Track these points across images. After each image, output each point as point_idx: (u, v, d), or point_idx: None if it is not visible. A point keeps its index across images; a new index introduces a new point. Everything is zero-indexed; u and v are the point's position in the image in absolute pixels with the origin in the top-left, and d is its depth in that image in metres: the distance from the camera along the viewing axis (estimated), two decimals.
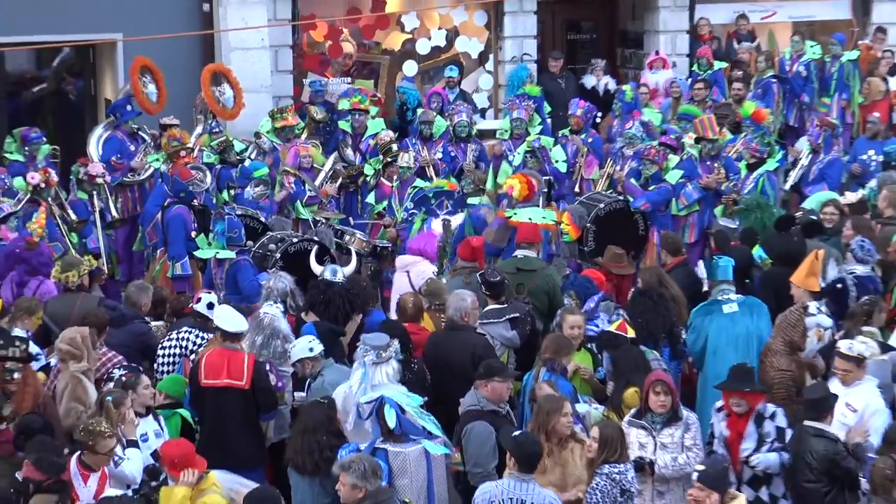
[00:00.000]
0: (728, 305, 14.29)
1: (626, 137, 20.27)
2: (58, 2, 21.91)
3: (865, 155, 20.16)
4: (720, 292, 14.46)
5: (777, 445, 11.14)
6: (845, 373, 12.50)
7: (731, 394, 11.52)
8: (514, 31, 25.33)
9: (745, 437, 11.20)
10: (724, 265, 14.81)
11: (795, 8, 27.32)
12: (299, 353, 12.99)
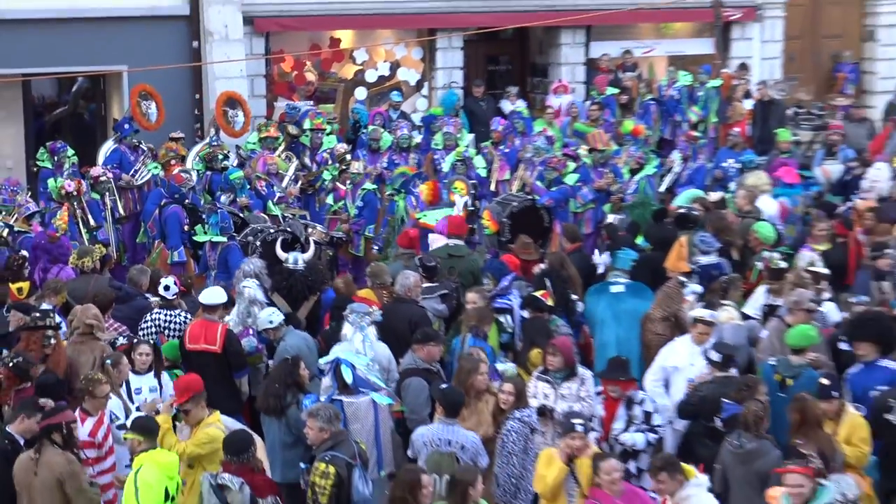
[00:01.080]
0: (615, 287, 14.47)
1: (533, 148, 20.22)
2: (74, 39, 21.68)
3: (726, 163, 20.21)
4: (613, 276, 14.63)
5: (644, 427, 11.14)
6: (702, 335, 12.62)
7: (608, 382, 11.47)
8: (445, 63, 25.28)
9: (617, 418, 11.21)
10: (625, 257, 14.99)
11: (670, 45, 27.54)
12: (263, 325, 13.13)
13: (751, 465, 10.62)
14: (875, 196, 18.42)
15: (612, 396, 11.30)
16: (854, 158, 20.52)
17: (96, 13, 21.84)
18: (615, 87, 24.33)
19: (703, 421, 11.59)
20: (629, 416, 11.07)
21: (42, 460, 10.04)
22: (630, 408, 11.13)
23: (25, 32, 21.34)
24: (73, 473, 10.04)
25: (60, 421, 10.27)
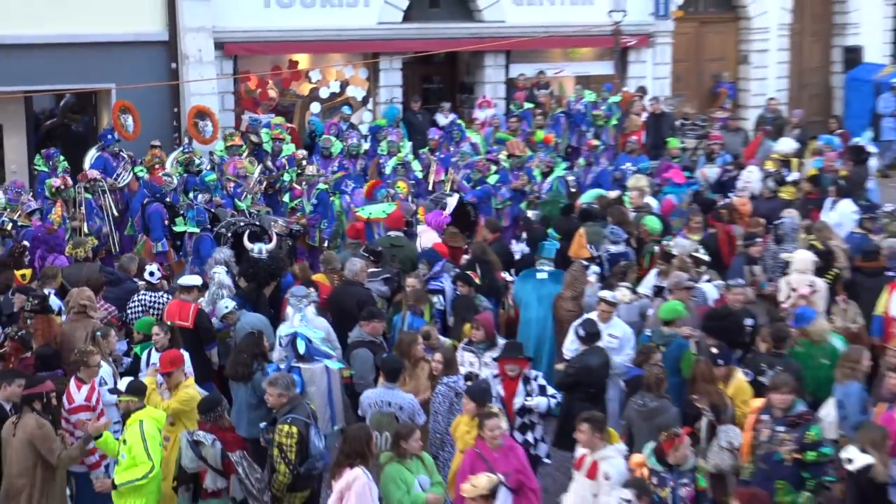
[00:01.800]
0: (541, 273, 14.50)
1: (460, 154, 20.33)
2: (69, 61, 21.48)
3: (624, 166, 20.29)
4: (540, 264, 14.69)
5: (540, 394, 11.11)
6: (605, 313, 12.70)
7: (506, 361, 11.35)
8: (387, 82, 25.25)
9: (517, 394, 11.07)
10: (549, 247, 15.15)
11: (577, 66, 27.61)
12: (221, 312, 13.27)
13: (653, 420, 10.71)
14: (748, 194, 18.64)
15: (509, 375, 11.16)
16: (730, 162, 20.73)
17: (89, 39, 21.62)
18: (531, 102, 24.42)
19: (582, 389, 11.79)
20: (527, 391, 11.01)
21: (20, 423, 10.17)
22: (527, 383, 11.07)
23: (27, 55, 21.13)
24: (44, 436, 10.12)
25: (41, 391, 10.37)
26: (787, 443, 9.52)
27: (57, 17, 21.45)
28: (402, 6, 25.02)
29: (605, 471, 9.16)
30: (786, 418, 9.66)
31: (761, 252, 15.67)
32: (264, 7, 23.70)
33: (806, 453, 9.50)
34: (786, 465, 9.58)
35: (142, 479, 9.85)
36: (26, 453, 10.14)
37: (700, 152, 22.12)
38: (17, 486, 10.25)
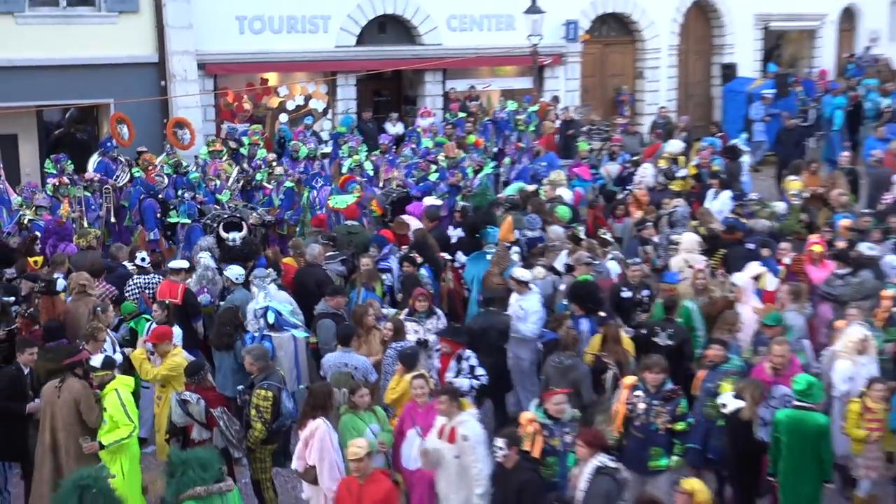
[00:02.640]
0: (489, 255, 14.44)
1: (402, 156, 20.38)
2: (74, 79, 21.29)
3: (540, 165, 20.27)
4: (487, 248, 14.76)
5: (469, 376, 10.97)
6: (520, 287, 12.73)
7: (442, 339, 11.41)
8: (343, 96, 25.10)
9: (449, 369, 11.04)
10: (493, 234, 15.16)
11: (502, 82, 27.58)
12: (231, 276, 13.32)
13: (567, 375, 10.81)
14: (644, 186, 18.74)
15: (445, 352, 11.20)
16: (629, 160, 20.85)
17: (90, 61, 21.42)
18: (463, 111, 24.38)
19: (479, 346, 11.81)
20: (458, 368, 10.95)
21: (64, 386, 10.14)
22: (459, 362, 11.00)
23: (38, 75, 20.87)
24: (87, 396, 10.14)
25: (80, 359, 10.40)
26: (663, 415, 9.60)
27: (64, 42, 21.25)
28: (356, 32, 24.86)
29: (463, 433, 9.09)
30: (659, 393, 9.72)
31: (652, 235, 15.80)
32: (239, 33, 23.48)
33: (677, 423, 9.62)
34: (660, 434, 9.65)
35: (126, 439, 9.88)
36: (71, 411, 10.12)
37: (604, 152, 22.17)
38: (60, 439, 10.20)
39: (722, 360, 10.58)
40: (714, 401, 10.09)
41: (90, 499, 7.33)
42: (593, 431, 9.13)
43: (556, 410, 9.45)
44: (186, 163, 19.38)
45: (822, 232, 15.37)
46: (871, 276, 13.23)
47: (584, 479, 8.62)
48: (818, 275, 13.66)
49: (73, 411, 10.05)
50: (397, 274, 14.37)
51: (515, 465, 8.78)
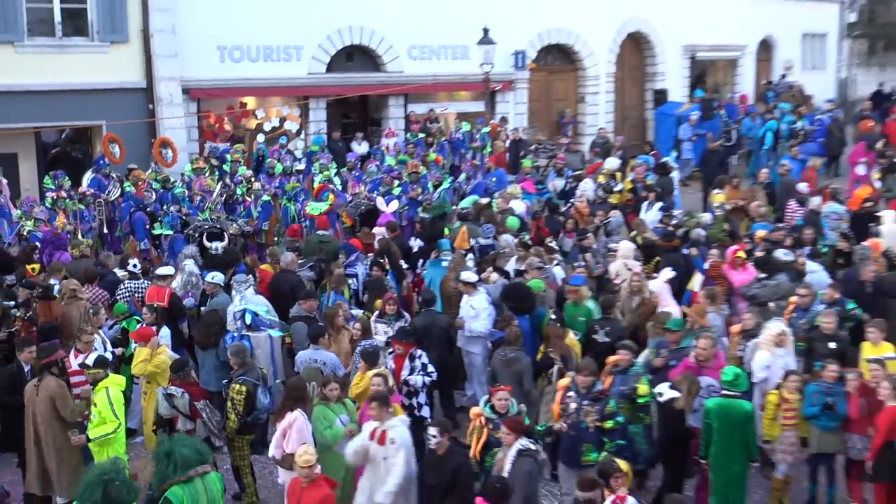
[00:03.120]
0: (444, 262, 14.45)
1: (367, 172, 20.36)
2: (70, 102, 21.08)
3: (491, 180, 20.30)
4: (443, 255, 14.70)
5: (422, 372, 10.93)
6: (468, 289, 12.87)
7: (395, 342, 11.23)
8: (314, 118, 25.00)
9: (404, 368, 10.94)
10: (446, 243, 15.14)
11: (458, 105, 27.58)
12: (210, 279, 13.15)
13: (511, 367, 10.90)
14: (585, 200, 18.84)
15: (398, 353, 11.07)
16: (571, 176, 20.93)
17: (84, 86, 21.20)
18: (423, 132, 24.44)
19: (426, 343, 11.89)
20: (412, 367, 10.90)
21: (42, 384, 10.16)
22: (412, 360, 10.93)
23: (36, 99, 20.66)
24: (62, 394, 10.17)
25: (55, 358, 10.38)
26: (592, 414, 9.53)
27: (60, 69, 21.05)
28: (325, 60, 24.79)
29: (392, 437, 8.99)
30: (589, 394, 9.66)
31: (591, 243, 15.87)
32: (220, 61, 23.33)
33: (605, 422, 9.55)
34: (590, 432, 9.58)
35: (111, 434, 9.85)
36: (48, 407, 10.14)
37: (550, 168, 22.31)
38: (41, 433, 10.22)
39: (629, 364, 10.48)
40: (627, 403, 10.08)
41: (115, 490, 7.31)
42: (516, 419, 9.14)
43: (500, 406, 9.43)
44: (174, 178, 19.25)
45: (743, 240, 15.54)
46: (786, 280, 13.41)
47: (509, 460, 8.74)
48: (739, 278, 13.82)
49: (51, 407, 10.10)
50: (362, 279, 14.41)
51: (447, 450, 8.84)
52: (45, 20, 21.24)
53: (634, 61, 31.30)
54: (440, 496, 8.79)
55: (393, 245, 15.25)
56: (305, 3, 24.15)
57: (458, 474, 8.75)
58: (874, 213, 17.31)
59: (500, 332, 11.80)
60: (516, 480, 8.51)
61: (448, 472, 8.74)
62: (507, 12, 26.50)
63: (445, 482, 8.72)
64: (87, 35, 21.64)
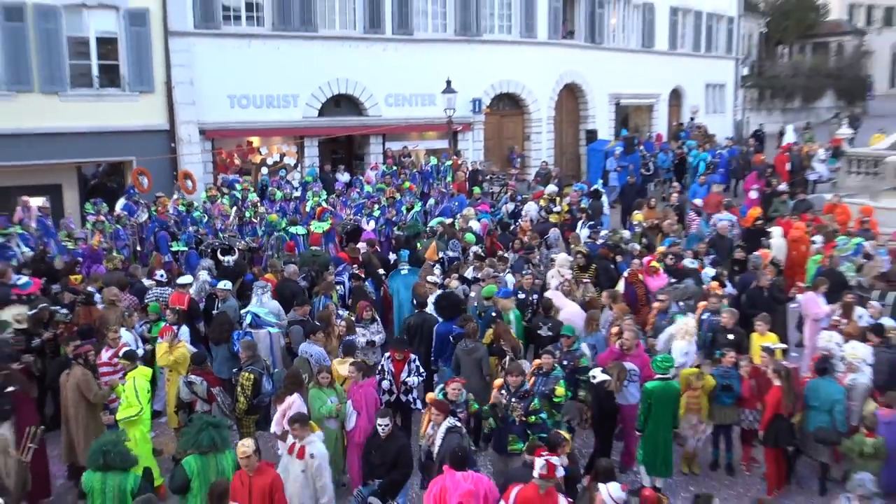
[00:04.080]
0: (403, 270, 14.42)
1: (351, 199, 20.25)
2: (105, 142, 21.07)
3: (454, 204, 20.27)
4: (402, 265, 14.63)
5: (416, 373, 10.61)
6: (433, 289, 12.89)
7: (393, 350, 10.76)
8: (309, 154, 24.99)
9: (401, 372, 10.56)
10: (405, 255, 15.00)
11: (426, 143, 27.53)
12: (220, 286, 13.02)
13: (472, 356, 10.86)
14: (528, 219, 18.89)
15: (397, 358, 10.71)
16: (519, 200, 21.00)
17: (118, 128, 21.16)
18: (398, 165, 24.47)
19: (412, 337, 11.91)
20: (409, 369, 10.60)
21: (71, 373, 10.11)
22: (409, 364, 10.62)
23: (78, 139, 20.65)
24: (86, 381, 10.09)
25: (82, 352, 10.31)
26: (518, 409, 9.32)
27: (97, 114, 21.00)
28: (317, 107, 24.79)
29: (311, 452, 8.58)
30: (517, 392, 9.44)
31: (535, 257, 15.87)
32: (230, 107, 23.30)
33: (529, 417, 9.32)
34: (516, 425, 9.35)
35: (134, 417, 9.73)
36: (75, 392, 10.05)
37: (502, 195, 22.34)
38: (71, 413, 10.13)
39: (551, 367, 10.08)
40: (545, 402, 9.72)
41: (111, 458, 7.84)
42: (443, 402, 8.99)
43: (453, 394, 9.31)
44: (196, 204, 19.14)
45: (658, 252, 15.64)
46: (692, 283, 13.53)
47: (440, 436, 8.72)
48: (654, 283, 13.90)
49: (77, 392, 10.04)
50: (348, 286, 14.36)
51: (390, 434, 8.78)
52: (85, 74, 21.15)
53: (570, 107, 31.55)
54: (386, 471, 8.77)
55: (374, 258, 15.27)
56: (301, 60, 24.17)
57: (400, 454, 8.80)
58: (764, 229, 17.54)
59: (461, 329, 11.74)
60: (447, 451, 8.45)
61: (392, 452, 8.72)
62: (467, 67, 26.67)
63: (389, 461, 8.72)
64: (119, 86, 21.54)
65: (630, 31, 33.12)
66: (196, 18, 22.54)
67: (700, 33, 36.64)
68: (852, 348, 10.66)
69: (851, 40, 50.13)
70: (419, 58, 26.19)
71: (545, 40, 29.02)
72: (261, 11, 23.79)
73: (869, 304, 12.63)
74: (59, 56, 20.52)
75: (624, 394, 10.37)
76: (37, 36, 20.20)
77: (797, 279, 15.53)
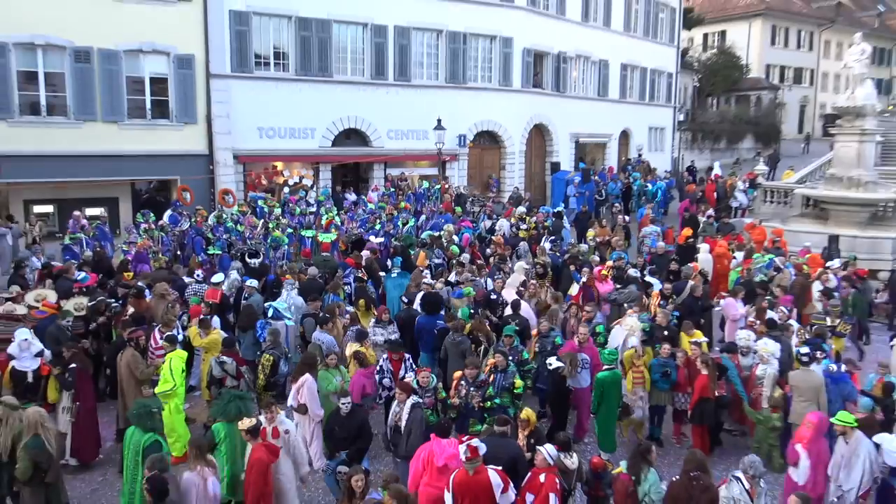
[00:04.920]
0: (394, 274, 14.34)
1: (357, 214, 20.07)
2: (155, 163, 21.05)
3: (441, 221, 20.10)
4: (393, 269, 14.53)
5: (412, 371, 10.01)
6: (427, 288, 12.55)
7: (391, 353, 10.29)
8: (323, 177, 24.89)
9: (399, 370, 10.12)
10: (397, 261, 14.83)
11: (420, 170, 27.19)
12: (249, 284, 12.89)
13: (458, 347, 10.70)
14: (502, 234, 18.86)
15: (394, 358, 10.26)
16: (495, 218, 20.91)
17: (166, 152, 21.14)
18: (396, 188, 24.40)
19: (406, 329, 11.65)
20: (405, 367, 10.22)
21: (123, 354, 9.98)
22: (404, 363, 10.23)
23: (133, 160, 20.59)
24: (134, 361, 9.96)
25: (135, 336, 10.20)
26: (476, 397, 9.08)
27: (149, 140, 20.99)
28: (331, 138, 24.70)
29: (284, 429, 8.01)
30: (475, 382, 9.20)
31: (507, 266, 15.81)
32: (259, 137, 23.21)
33: (486, 403, 9.08)
34: (475, 410, 9.08)
35: (169, 391, 9.59)
36: (126, 370, 9.93)
37: (482, 213, 22.27)
38: (123, 386, 10.00)
39: (505, 364, 9.51)
40: (506, 394, 9.34)
41: (139, 420, 7.92)
42: (406, 383, 8.71)
43: (423, 381, 9.05)
44: (225, 216, 18.88)
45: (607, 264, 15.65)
46: (634, 288, 13.55)
47: (406, 412, 8.48)
48: (604, 288, 13.92)
49: (128, 370, 9.91)
50: (353, 286, 14.26)
51: (351, 411, 8.48)
52: (140, 107, 21.08)
53: (538, 143, 31.58)
54: (349, 444, 8.46)
55: (375, 263, 15.20)
56: (318, 100, 24.11)
57: (362, 426, 8.54)
58: (694, 245, 17.61)
59: (445, 325, 11.57)
60: (412, 424, 8.36)
61: (354, 427, 8.47)
62: (455, 109, 26.66)
63: (353, 434, 8.46)
64: (168, 118, 21.47)
65: (588, 83, 33.26)
66: (233, 64, 22.47)
67: (645, 86, 36.84)
68: (764, 344, 10.69)
69: (768, 94, 50.51)
70: (415, 100, 26.16)
71: (519, 88, 29.07)
72: (286, 59, 23.75)
73: (778, 307, 12.68)
74: (118, 92, 20.45)
75: (578, 379, 10.34)
76: (101, 75, 20.12)
77: (720, 288, 15.59)
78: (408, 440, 8.38)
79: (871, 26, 59.89)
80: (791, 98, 55.07)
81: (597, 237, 18.20)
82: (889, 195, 21.07)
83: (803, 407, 9.47)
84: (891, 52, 63.99)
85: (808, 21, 55.89)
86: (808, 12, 56.56)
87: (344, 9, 24.35)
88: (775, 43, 54.47)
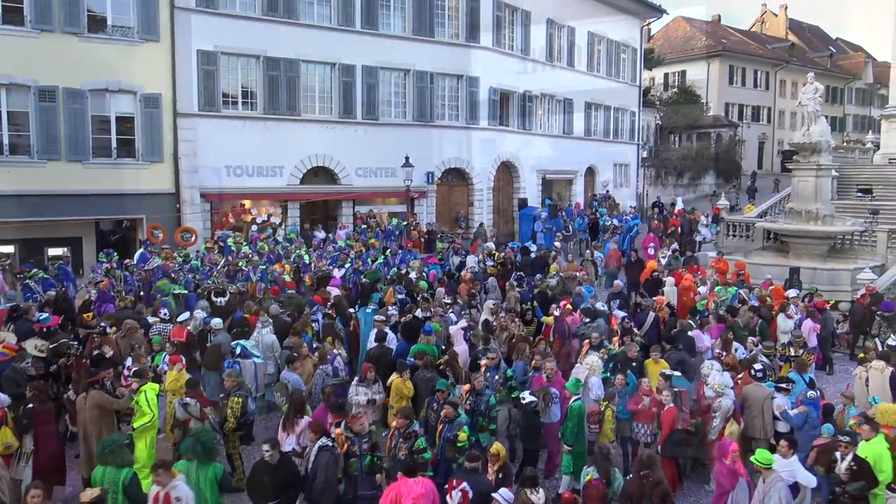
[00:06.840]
0: (369, 308, 14.40)
1: (326, 251, 19.97)
2: (121, 202, 20.76)
3: (408, 257, 20.16)
4: (370, 304, 14.61)
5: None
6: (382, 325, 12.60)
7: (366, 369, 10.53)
8: (292, 215, 24.74)
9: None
10: (375, 297, 15.01)
11: (389, 207, 27.31)
12: (214, 324, 12.64)
13: (429, 384, 10.59)
14: (469, 271, 18.64)
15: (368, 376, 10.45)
16: (463, 254, 21.03)
17: (132, 191, 20.93)
18: (365, 224, 24.40)
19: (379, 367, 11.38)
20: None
21: (88, 396, 9.71)
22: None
23: (97, 199, 20.34)
24: (105, 399, 9.73)
25: (98, 379, 9.98)
26: (403, 448, 8.68)
27: (115, 179, 20.75)
28: (299, 176, 24.66)
29: (176, 496, 7.36)
30: (404, 434, 8.78)
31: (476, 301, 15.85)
32: (227, 175, 23.05)
33: (415, 456, 8.49)
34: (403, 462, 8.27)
35: (148, 423, 9.46)
36: (94, 412, 9.65)
37: (450, 249, 22.41)
38: (88, 430, 9.70)
39: (454, 415, 9.13)
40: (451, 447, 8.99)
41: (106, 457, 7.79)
42: (318, 423, 8.53)
43: (358, 429, 8.53)
44: (191, 255, 18.79)
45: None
46: (602, 322, 13.64)
47: (313, 454, 8.23)
48: (571, 321, 13.98)
49: (95, 412, 9.63)
50: (321, 323, 14.12)
51: (278, 461, 8.07)
52: (105, 146, 20.89)
53: (505, 179, 31.88)
54: (273, 493, 8.01)
55: (343, 301, 15.09)
56: (286, 138, 24.14)
57: (291, 476, 8.08)
58: (660, 278, 17.82)
59: (415, 361, 11.43)
60: (318, 468, 8.03)
61: (281, 475, 8.02)
62: (422, 146, 26.86)
63: (279, 483, 8.00)
64: (134, 157, 21.30)
65: (554, 121, 33.82)
66: (200, 103, 22.45)
67: (609, 123, 37.58)
68: (714, 378, 10.45)
69: (727, 131, 51.86)
70: (383, 138, 26.32)
71: (486, 126, 29.44)
72: (254, 98, 23.79)
73: (748, 339, 12.84)
74: (83, 131, 20.28)
75: (548, 413, 10.33)
76: (65, 114, 19.96)
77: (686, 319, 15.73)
78: (313, 483, 8.01)
79: (823, 66, 62.23)
80: (750, 135, 56.62)
81: (565, 272, 18.32)
82: (846, 228, 21.62)
83: (752, 419, 9.91)
84: (843, 90, 66.38)
85: (763, 62, 57.87)
86: (764, 53, 58.62)
87: (312, 49, 24.56)
88: (733, 82, 56.19)
